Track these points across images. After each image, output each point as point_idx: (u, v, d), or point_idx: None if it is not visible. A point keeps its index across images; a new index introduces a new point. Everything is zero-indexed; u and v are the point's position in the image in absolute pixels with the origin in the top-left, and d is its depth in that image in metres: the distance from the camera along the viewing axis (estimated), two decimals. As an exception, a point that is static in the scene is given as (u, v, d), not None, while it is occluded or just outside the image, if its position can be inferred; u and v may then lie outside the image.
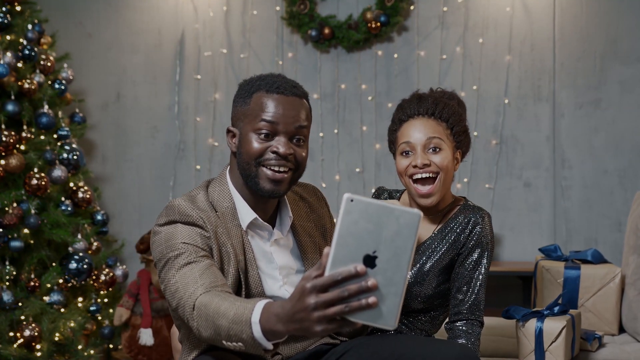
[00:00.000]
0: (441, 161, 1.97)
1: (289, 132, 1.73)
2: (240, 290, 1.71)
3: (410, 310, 2.04)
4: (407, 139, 2.00)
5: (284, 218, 1.84)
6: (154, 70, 4.41)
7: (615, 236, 4.07)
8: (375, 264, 1.17)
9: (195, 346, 1.73)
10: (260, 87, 1.75)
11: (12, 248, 3.32)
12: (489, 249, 1.99)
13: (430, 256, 2.01)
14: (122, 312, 3.73)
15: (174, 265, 1.63)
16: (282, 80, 1.77)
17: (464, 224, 2.00)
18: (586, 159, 4.11)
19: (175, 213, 1.71)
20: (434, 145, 1.98)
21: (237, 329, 1.38)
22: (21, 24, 3.60)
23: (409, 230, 1.17)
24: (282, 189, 1.73)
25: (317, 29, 4.19)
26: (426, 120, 2.01)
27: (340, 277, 1.16)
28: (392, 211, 1.17)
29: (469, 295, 1.96)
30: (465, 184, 4.18)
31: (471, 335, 1.93)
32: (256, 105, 1.73)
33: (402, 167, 2.00)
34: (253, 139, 1.72)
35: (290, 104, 1.73)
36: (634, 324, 2.61)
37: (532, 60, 4.15)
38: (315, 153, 4.29)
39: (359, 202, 1.17)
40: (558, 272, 2.69)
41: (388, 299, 1.17)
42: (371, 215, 1.17)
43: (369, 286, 1.15)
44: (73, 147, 3.74)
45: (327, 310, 1.18)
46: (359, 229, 1.17)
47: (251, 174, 1.73)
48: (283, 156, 1.71)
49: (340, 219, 1.16)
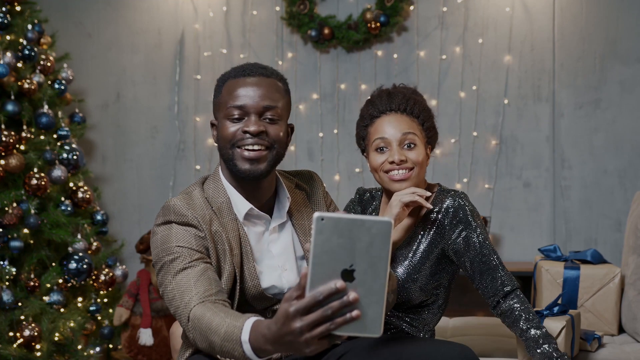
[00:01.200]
0: (416, 157, 1.99)
1: (258, 111, 1.74)
2: (235, 285, 1.72)
3: (411, 305, 2.05)
4: (381, 135, 2.00)
5: (282, 200, 1.84)
6: (154, 70, 4.41)
7: (615, 236, 4.07)
8: (354, 277, 1.18)
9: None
10: (229, 76, 1.79)
11: (12, 248, 3.32)
12: (476, 223, 1.99)
13: (418, 248, 2.02)
14: (121, 312, 3.73)
15: (169, 270, 1.65)
16: (251, 65, 1.80)
17: (444, 211, 2.00)
18: (586, 159, 4.11)
19: (170, 213, 1.72)
20: (408, 142, 1.99)
21: (229, 347, 1.42)
22: (21, 24, 3.60)
23: (382, 238, 1.18)
24: (261, 168, 1.74)
25: (317, 29, 4.19)
26: (399, 116, 2.01)
27: (322, 296, 1.18)
28: (363, 223, 1.18)
29: (488, 278, 1.96)
30: (465, 184, 4.18)
31: (526, 308, 1.94)
32: (226, 92, 1.77)
33: (378, 164, 2.00)
34: (226, 124, 1.75)
35: (257, 83, 1.75)
36: (633, 324, 2.61)
37: (532, 60, 4.16)
38: (315, 153, 4.30)
39: (329, 219, 1.18)
40: (558, 273, 2.69)
41: (371, 309, 1.19)
42: (342, 230, 1.18)
43: (350, 300, 1.17)
44: (73, 147, 3.74)
45: (314, 331, 1.20)
46: (333, 245, 1.18)
47: (229, 157, 1.75)
48: (254, 134, 1.72)
49: (314, 239, 1.18)
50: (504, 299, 1.96)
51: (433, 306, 2.08)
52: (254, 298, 1.76)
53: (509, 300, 1.96)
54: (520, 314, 1.94)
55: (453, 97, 4.22)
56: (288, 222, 1.85)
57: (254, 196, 1.79)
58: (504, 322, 1.99)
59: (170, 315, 3.77)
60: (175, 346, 2.35)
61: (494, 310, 2.00)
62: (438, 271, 2.03)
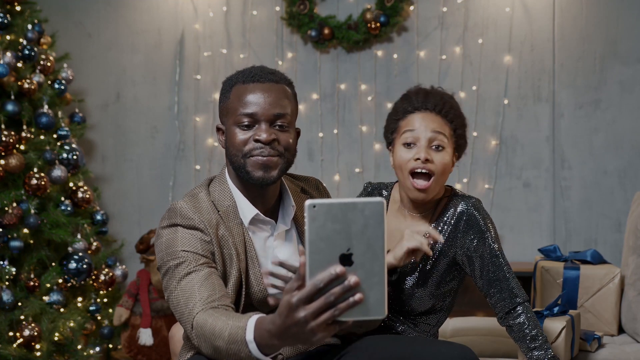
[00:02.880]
0: (442, 160, 1.94)
1: (269, 119, 1.72)
2: (241, 289, 1.72)
3: (417, 313, 2.03)
4: (412, 128, 1.95)
5: (287, 208, 1.83)
6: (154, 71, 4.41)
7: (615, 236, 4.07)
8: (352, 261, 1.18)
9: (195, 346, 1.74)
10: (237, 80, 1.77)
11: (12, 248, 3.32)
12: (489, 230, 1.96)
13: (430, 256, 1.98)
14: (121, 312, 3.73)
15: (174, 275, 1.64)
16: (259, 69, 1.77)
17: (457, 216, 1.97)
18: (586, 159, 4.11)
19: (176, 216, 1.71)
20: (437, 143, 1.94)
21: (235, 349, 1.41)
22: (21, 24, 3.60)
23: (376, 219, 1.18)
24: (273, 175, 1.73)
25: (317, 29, 4.19)
26: (434, 115, 1.97)
27: (322, 283, 1.17)
28: (355, 205, 1.18)
29: (498, 288, 1.94)
30: (465, 184, 4.18)
31: (533, 325, 1.92)
32: (235, 97, 1.75)
33: (404, 160, 1.95)
34: (236, 132, 1.74)
35: (267, 90, 1.74)
36: (633, 324, 2.61)
37: (531, 60, 4.16)
38: (315, 153, 4.30)
39: (321, 206, 1.18)
40: (557, 273, 2.69)
41: (373, 291, 1.18)
42: (336, 215, 1.18)
43: (351, 285, 1.16)
44: (73, 147, 3.74)
45: (318, 319, 1.19)
46: (328, 231, 1.18)
47: (240, 166, 1.74)
48: (266, 143, 1.71)
49: (308, 227, 1.18)
50: (512, 312, 1.94)
51: (440, 311, 2.07)
52: (259, 303, 1.75)
53: (516, 314, 1.94)
54: (527, 332, 1.93)
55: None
56: (293, 228, 1.85)
57: (260, 201, 1.79)
58: (509, 335, 1.97)
59: (170, 315, 3.77)
60: (175, 350, 2.34)
61: (501, 321, 1.98)
62: (448, 278, 2.01)
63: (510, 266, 1.98)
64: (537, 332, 1.93)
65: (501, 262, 1.95)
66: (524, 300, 1.95)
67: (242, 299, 1.72)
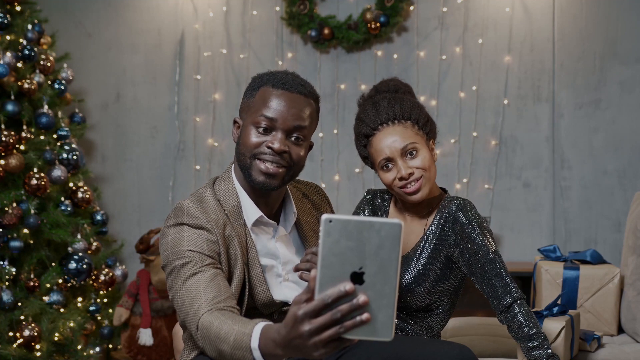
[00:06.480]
0: (422, 162, 1.96)
1: (287, 129, 1.73)
2: (244, 290, 1.72)
3: (414, 309, 2.05)
4: (383, 155, 1.97)
5: (289, 214, 1.84)
6: (154, 71, 4.41)
7: (615, 236, 4.07)
8: (363, 280, 1.16)
9: (197, 346, 1.74)
10: (267, 81, 1.76)
11: (12, 248, 3.32)
12: (480, 228, 1.96)
13: (422, 252, 2.01)
14: (121, 312, 3.73)
15: (179, 275, 1.64)
16: (291, 77, 1.77)
17: (447, 217, 1.99)
18: (586, 159, 4.11)
19: (183, 215, 1.71)
20: (409, 149, 1.95)
21: (239, 354, 1.40)
22: (21, 24, 3.60)
23: (392, 241, 1.16)
24: (275, 183, 1.73)
25: (317, 29, 4.19)
26: (392, 128, 1.97)
27: (330, 299, 1.15)
28: (372, 225, 1.15)
29: (491, 283, 1.95)
30: (465, 184, 4.18)
31: (532, 323, 1.92)
32: (260, 98, 1.75)
33: (389, 181, 1.98)
34: (252, 132, 1.73)
35: (293, 100, 1.74)
36: (633, 324, 2.61)
37: (531, 60, 4.16)
38: (315, 153, 4.29)
39: (338, 222, 1.16)
40: (557, 273, 2.69)
41: (381, 312, 1.16)
42: (351, 232, 1.16)
43: (359, 304, 1.15)
44: (73, 147, 3.74)
45: (323, 335, 1.18)
46: (342, 247, 1.16)
47: (246, 166, 1.74)
48: (277, 152, 1.71)
49: (322, 241, 1.15)
50: (509, 311, 1.95)
51: (438, 310, 2.07)
52: (262, 304, 1.76)
53: (514, 313, 1.94)
54: (525, 331, 1.93)
55: (453, 98, 4.22)
56: (294, 232, 1.85)
57: (263, 203, 1.79)
58: (510, 333, 1.98)
59: (170, 315, 3.77)
60: (178, 346, 2.34)
61: (500, 320, 1.99)
62: (444, 276, 2.02)
63: (504, 263, 1.99)
64: (536, 331, 1.94)
65: (490, 256, 1.95)
66: (519, 297, 1.95)
67: (245, 300, 1.73)
